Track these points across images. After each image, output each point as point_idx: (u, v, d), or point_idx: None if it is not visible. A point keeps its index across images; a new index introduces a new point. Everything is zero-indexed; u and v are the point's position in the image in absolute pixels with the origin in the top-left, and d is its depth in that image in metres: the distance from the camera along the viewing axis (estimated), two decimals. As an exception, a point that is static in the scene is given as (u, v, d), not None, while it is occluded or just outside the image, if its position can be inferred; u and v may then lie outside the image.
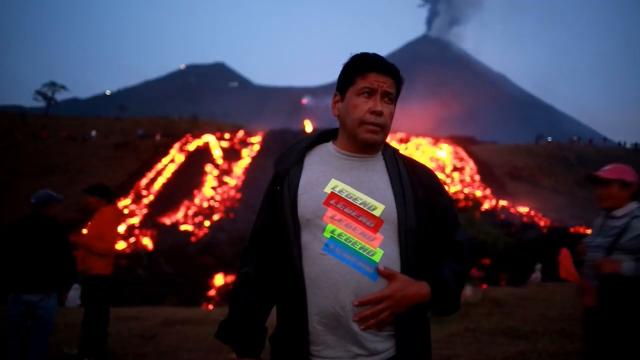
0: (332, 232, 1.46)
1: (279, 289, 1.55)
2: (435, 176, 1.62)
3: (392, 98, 1.56)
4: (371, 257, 1.45)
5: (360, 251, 1.45)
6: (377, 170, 1.56)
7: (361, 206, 1.49)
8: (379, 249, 1.46)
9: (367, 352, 1.45)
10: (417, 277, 1.48)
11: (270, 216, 1.58)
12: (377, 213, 1.48)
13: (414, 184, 1.54)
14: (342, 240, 1.46)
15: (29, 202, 4.44)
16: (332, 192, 1.50)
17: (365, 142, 1.53)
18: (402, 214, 1.48)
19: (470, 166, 44.97)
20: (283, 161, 1.60)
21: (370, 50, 1.63)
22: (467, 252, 1.60)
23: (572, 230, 28.05)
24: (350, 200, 1.49)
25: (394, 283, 1.43)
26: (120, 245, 27.59)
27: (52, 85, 73.52)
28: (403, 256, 1.47)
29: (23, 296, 4.17)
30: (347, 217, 1.48)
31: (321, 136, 1.66)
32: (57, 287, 4.40)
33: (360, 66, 1.56)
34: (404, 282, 1.44)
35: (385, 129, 1.54)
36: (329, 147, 1.62)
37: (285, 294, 1.52)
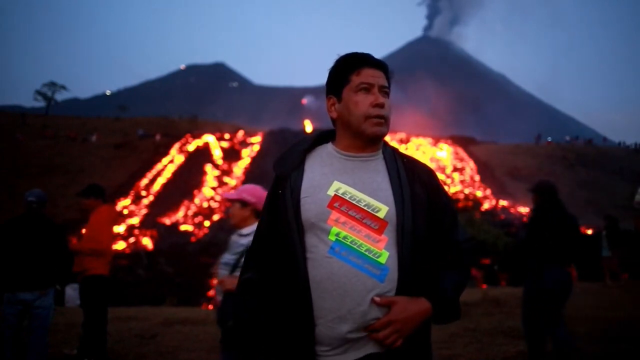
0: (337, 234, 1.46)
1: (283, 294, 1.53)
2: (435, 175, 1.62)
3: (387, 91, 1.58)
4: (377, 259, 1.45)
5: (366, 253, 1.45)
6: (379, 171, 1.55)
7: (365, 208, 1.48)
8: (384, 250, 1.46)
9: (368, 353, 1.45)
10: (413, 278, 1.47)
11: (272, 220, 1.57)
12: (381, 215, 1.48)
13: (412, 183, 1.54)
14: (348, 242, 1.45)
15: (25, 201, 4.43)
16: (335, 195, 1.49)
17: (374, 135, 1.53)
18: (400, 214, 1.48)
19: (470, 166, 44.93)
20: (282, 164, 1.59)
21: (371, 50, 1.64)
22: (467, 257, 1.60)
23: (572, 230, 27.97)
24: (354, 202, 1.49)
25: (395, 307, 1.43)
26: (120, 245, 27.60)
27: (52, 85, 73.51)
28: (400, 256, 1.46)
29: (19, 295, 4.16)
30: (351, 219, 1.47)
31: (320, 137, 1.65)
32: (53, 284, 4.40)
33: (353, 63, 1.57)
34: (403, 303, 1.44)
35: (388, 121, 1.56)
36: (328, 148, 1.61)
37: (289, 298, 1.50)
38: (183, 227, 32.66)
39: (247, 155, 44.96)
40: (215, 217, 34.14)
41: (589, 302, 7.53)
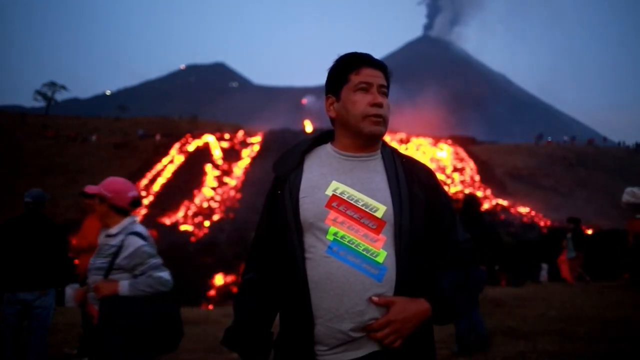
0: (335, 234, 1.46)
1: (282, 294, 1.54)
2: (434, 175, 1.62)
3: (386, 91, 1.58)
4: (375, 259, 1.45)
5: (364, 253, 1.45)
6: (377, 171, 1.55)
7: (363, 208, 1.48)
8: (382, 250, 1.46)
9: (367, 353, 1.45)
10: (411, 278, 1.47)
11: (272, 221, 1.57)
12: (379, 214, 1.48)
13: (411, 183, 1.53)
14: (346, 242, 1.46)
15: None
16: (333, 195, 1.50)
17: (372, 134, 1.53)
18: (398, 214, 1.48)
19: (470, 166, 44.96)
20: (282, 164, 1.59)
21: (371, 50, 1.64)
22: (466, 256, 1.60)
23: (572, 230, 28.00)
24: (351, 202, 1.49)
25: (394, 307, 1.43)
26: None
27: (52, 85, 73.62)
28: (398, 256, 1.46)
29: (19, 295, 4.16)
30: (349, 219, 1.47)
31: (319, 138, 1.65)
32: (53, 284, 4.39)
33: (352, 63, 1.57)
34: (402, 303, 1.44)
35: (386, 121, 1.55)
36: (327, 148, 1.61)
37: (289, 298, 1.51)
38: (183, 227, 32.69)
39: (247, 155, 45.00)
40: (216, 217, 34.18)
41: (589, 302, 7.53)
